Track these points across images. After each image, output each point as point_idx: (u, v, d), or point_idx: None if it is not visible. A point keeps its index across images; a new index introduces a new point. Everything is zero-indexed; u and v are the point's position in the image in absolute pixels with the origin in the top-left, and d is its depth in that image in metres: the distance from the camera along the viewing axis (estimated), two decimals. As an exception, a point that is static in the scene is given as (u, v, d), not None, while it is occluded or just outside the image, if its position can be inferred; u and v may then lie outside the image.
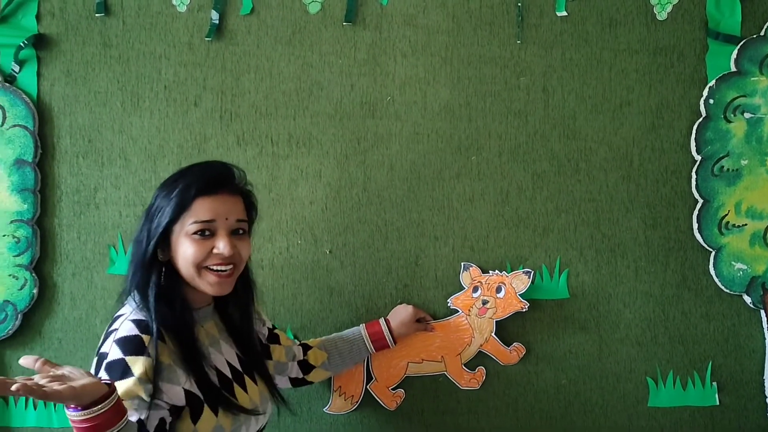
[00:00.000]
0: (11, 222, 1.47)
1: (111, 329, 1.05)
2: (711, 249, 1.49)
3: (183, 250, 1.08)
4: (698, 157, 1.49)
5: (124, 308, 1.09)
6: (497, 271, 1.48)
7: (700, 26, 1.50)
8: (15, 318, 1.48)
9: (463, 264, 1.49)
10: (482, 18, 1.50)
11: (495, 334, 1.48)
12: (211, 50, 1.50)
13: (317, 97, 1.51)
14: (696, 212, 1.49)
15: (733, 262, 1.49)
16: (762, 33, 1.48)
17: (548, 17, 1.50)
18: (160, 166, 1.50)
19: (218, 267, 1.09)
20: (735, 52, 1.48)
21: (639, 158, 1.51)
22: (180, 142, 1.50)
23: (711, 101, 1.48)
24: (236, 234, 1.12)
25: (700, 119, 1.49)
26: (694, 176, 1.49)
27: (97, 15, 1.49)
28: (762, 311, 1.50)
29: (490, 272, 1.48)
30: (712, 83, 1.48)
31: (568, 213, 1.51)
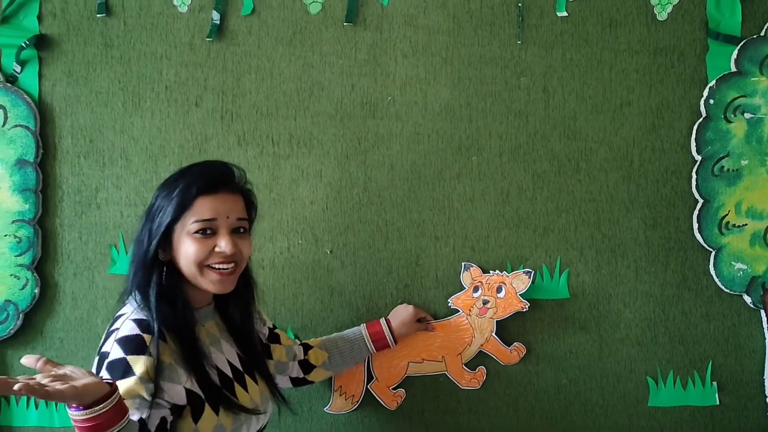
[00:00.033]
0: (13, 222, 1.48)
1: (112, 329, 1.06)
2: (711, 249, 1.49)
3: (185, 249, 1.08)
4: (698, 158, 1.49)
5: (125, 308, 1.10)
6: (498, 271, 1.48)
7: (701, 26, 1.50)
8: (16, 318, 1.48)
9: (464, 264, 1.50)
10: (483, 18, 1.51)
11: (495, 334, 1.48)
12: (212, 50, 1.50)
13: (318, 98, 1.51)
14: (696, 212, 1.49)
15: (734, 262, 1.49)
16: (762, 33, 1.48)
17: (549, 17, 1.51)
18: (162, 166, 1.50)
19: (220, 265, 1.10)
20: (735, 53, 1.48)
21: (639, 158, 1.51)
22: (181, 143, 1.50)
23: (711, 101, 1.48)
24: (237, 232, 1.13)
25: (701, 119, 1.49)
26: (695, 176, 1.49)
27: (99, 15, 1.50)
28: (762, 311, 1.50)
29: (491, 272, 1.48)
30: (713, 83, 1.48)
31: (569, 213, 1.51)
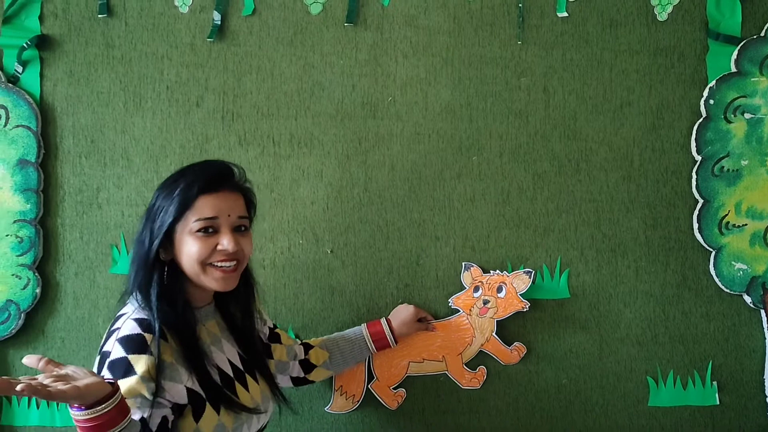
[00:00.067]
0: (14, 222, 1.48)
1: (113, 328, 1.06)
2: (711, 249, 1.50)
3: (187, 248, 1.08)
4: (698, 158, 1.49)
5: (127, 307, 1.10)
6: (498, 271, 1.48)
7: (701, 27, 1.50)
8: (18, 317, 1.49)
9: (464, 264, 1.50)
10: (483, 19, 1.51)
11: (496, 334, 1.48)
12: (213, 51, 1.51)
13: (319, 98, 1.51)
14: (696, 212, 1.50)
15: (734, 262, 1.49)
16: (762, 34, 1.48)
17: (549, 18, 1.51)
18: (162, 167, 1.50)
19: (223, 263, 1.10)
20: (735, 53, 1.48)
21: (639, 158, 1.51)
22: (182, 143, 1.51)
23: (711, 102, 1.48)
24: (238, 230, 1.13)
25: (701, 120, 1.49)
26: (695, 176, 1.49)
27: (100, 16, 1.50)
28: (762, 311, 1.50)
29: (491, 272, 1.49)
30: (713, 84, 1.48)
31: (569, 213, 1.51)
